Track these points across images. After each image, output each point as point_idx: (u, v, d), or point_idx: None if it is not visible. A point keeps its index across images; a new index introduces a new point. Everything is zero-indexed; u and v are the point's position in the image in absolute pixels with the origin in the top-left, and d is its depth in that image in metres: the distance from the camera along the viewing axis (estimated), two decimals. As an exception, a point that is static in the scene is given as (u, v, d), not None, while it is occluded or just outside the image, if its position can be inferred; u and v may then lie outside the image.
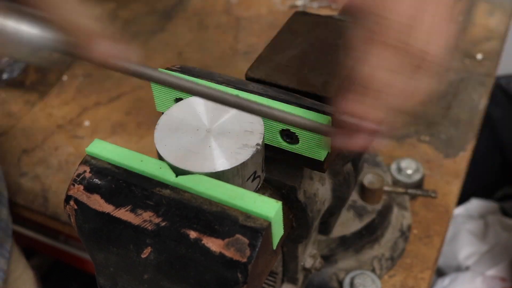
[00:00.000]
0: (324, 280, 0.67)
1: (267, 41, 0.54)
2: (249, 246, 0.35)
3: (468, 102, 0.88)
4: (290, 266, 0.57)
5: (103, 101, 0.93)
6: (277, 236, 0.39)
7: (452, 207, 0.76)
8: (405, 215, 0.73)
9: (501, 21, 1.01)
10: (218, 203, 0.37)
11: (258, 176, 0.42)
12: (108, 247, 0.39)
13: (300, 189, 0.45)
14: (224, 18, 1.07)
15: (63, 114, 0.92)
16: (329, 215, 0.53)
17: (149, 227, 0.38)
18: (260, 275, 0.38)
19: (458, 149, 0.82)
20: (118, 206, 0.39)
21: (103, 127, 0.89)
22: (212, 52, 1.00)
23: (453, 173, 0.79)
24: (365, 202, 0.67)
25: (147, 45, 1.02)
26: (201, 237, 0.36)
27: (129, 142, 0.86)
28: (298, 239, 0.50)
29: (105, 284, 0.41)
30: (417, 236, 0.72)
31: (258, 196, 0.37)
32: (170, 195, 0.38)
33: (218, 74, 0.48)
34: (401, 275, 0.69)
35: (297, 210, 0.46)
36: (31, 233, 0.92)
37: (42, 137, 0.89)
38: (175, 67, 0.48)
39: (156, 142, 0.40)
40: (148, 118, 0.90)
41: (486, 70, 0.93)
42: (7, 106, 0.94)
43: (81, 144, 0.87)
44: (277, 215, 0.37)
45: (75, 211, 0.40)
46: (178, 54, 1.00)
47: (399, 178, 0.74)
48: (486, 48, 0.97)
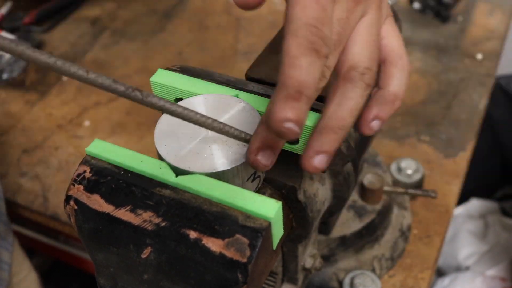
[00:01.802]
0: (324, 280, 0.67)
1: (267, 41, 0.54)
2: (249, 246, 0.35)
3: (468, 102, 0.88)
4: (290, 266, 0.57)
5: (103, 101, 0.93)
6: (277, 236, 0.39)
7: (452, 207, 0.76)
8: (405, 215, 0.73)
9: (501, 21, 1.01)
10: (218, 203, 0.37)
11: (258, 176, 0.42)
12: (108, 247, 0.39)
13: (300, 189, 0.45)
14: (224, 18, 1.07)
15: (63, 114, 0.92)
16: (329, 215, 0.53)
17: (149, 227, 0.38)
18: (260, 275, 0.38)
19: (458, 149, 0.82)
20: (118, 206, 0.39)
21: (103, 127, 0.89)
22: (212, 52, 1.00)
23: (453, 173, 0.79)
24: (365, 202, 0.67)
25: (147, 45, 1.02)
26: (201, 237, 0.36)
27: (129, 142, 0.86)
28: (298, 239, 0.50)
29: (105, 284, 0.41)
30: (417, 236, 0.72)
31: (258, 196, 0.37)
32: (170, 195, 0.38)
33: (218, 74, 0.48)
34: (401, 275, 0.69)
35: (297, 210, 0.46)
36: (31, 233, 0.92)
37: (42, 137, 0.89)
38: (175, 67, 0.48)
39: (156, 142, 0.40)
40: (148, 118, 0.90)
41: (486, 70, 0.93)
42: (7, 106, 0.94)
43: (81, 144, 0.87)
44: (277, 215, 0.37)
45: (75, 211, 0.40)
46: (178, 54, 1.00)
47: (399, 178, 0.74)
48: (486, 48, 0.97)
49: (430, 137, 0.83)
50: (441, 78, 0.92)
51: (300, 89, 0.34)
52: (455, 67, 0.94)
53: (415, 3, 1.03)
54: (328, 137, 0.38)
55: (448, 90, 0.90)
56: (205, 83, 0.45)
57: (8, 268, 0.73)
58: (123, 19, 1.08)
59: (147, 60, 0.99)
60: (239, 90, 0.44)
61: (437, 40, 0.98)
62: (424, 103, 0.88)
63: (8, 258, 0.73)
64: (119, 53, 1.01)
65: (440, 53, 0.96)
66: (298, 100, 0.34)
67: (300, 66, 0.34)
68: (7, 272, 0.72)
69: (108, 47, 1.02)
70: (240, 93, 0.44)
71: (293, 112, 0.34)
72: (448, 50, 0.96)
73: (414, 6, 1.03)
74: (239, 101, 0.42)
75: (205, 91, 0.44)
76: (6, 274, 0.72)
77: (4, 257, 0.73)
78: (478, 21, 1.01)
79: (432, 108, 0.88)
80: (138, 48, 1.02)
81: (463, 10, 1.03)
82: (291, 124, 0.34)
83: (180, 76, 0.46)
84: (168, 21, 1.07)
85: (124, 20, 1.08)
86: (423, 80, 0.92)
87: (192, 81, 0.45)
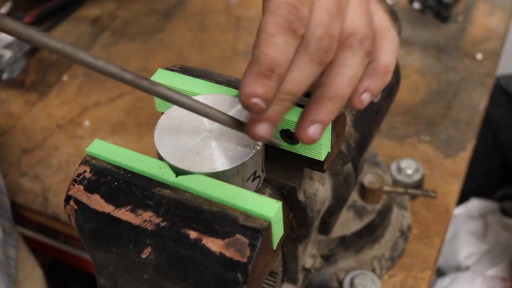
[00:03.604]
0: (324, 280, 0.67)
1: (267, 41, 0.54)
2: (249, 246, 0.35)
3: (468, 102, 0.88)
4: (290, 266, 0.57)
5: (103, 101, 0.93)
6: (277, 236, 0.39)
7: (452, 207, 0.76)
8: (405, 215, 0.73)
9: (501, 21, 1.01)
10: (218, 203, 0.37)
11: (258, 176, 0.42)
12: (108, 247, 0.39)
13: (300, 189, 0.45)
14: (224, 18, 1.07)
15: (63, 114, 0.92)
16: (329, 215, 0.53)
17: (149, 227, 0.38)
18: (260, 275, 0.38)
19: (458, 149, 0.82)
20: (118, 206, 0.39)
21: (103, 127, 0.89)
22: (212, 52, 1.00)
23: (453, 173, 0.79)
24: (365, 202, 0.67)
25: (147, 45, 1.02)
26: (201, 237, 0.36)
27: (129, 142, 0.86)
28: (298, 239, 0.50)
29: (105, 284, 0.41)
30: (417, 236, 0.72)
31: (258, 196, 0.37)
32: (170, 195, 0.38)
33: (218, 74, 0.48)
34: (401, 275, 0.69)
35: (297, 210, 0.46)
36: (31, 233, 0.92)
37: (42, 137, 0.89)
38: (175, 67, 0.48)
39: (156, 142, 0.40)
40: (148, 118, 0.90)
41: (486, 70, 0.93)
42: (7, 106, 0.94)
43: (81, 144, 0.87)
44: (277, 215, 0.37)
45: (75, 211, 0.40)
46: (178, 54, 1.00)
47: (399, 178, 0.74)
48: (486, 48, 0.97)
49: (430, 137, 0.83)
50: (441, 78, 0.92)
51: (272, 67, 0.34)
52: (455, 67, 0.94)
53: (415, 3, 1.03)
54: (325, 106, 0.38)
55: (448, 90, 0.90)
56: (205, 83, 0.45)
57: (14, 264, 0.73)
58: (123, 19, 1.08)
59: (147, 60, 0.99)
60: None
61: (437, 40, 0.98)
62: (424, 103, 0.88)
63: (14, 255, 0.74)
64: (119, 53, 1.01)
65: (440, 53, 0.96)
66: (269, 78, 0.35)
67: (275, 44, 0.34)
68: (14, 268, 0.73)
69: (108, 47, 1.02)
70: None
71: (262, 89, 0.35)
72: (448, 50, 0.96)
73: (414, 6, 1.03)
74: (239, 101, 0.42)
75: (205, 91, 0.44)
76: (13, 271, 0.72)
77: (10, 253, 0.73)
78: (478, 21, 1.01)
79: (432, 108, 0.88)
80: (138, 48, 1.02)
81: (463, 10, 1.03)
82: (258, 100, 0.35)
83: (180, 76, 0.46)
84: (168, 21, 1.07)
85: (124, 20, 1.08)
86: (423, 80, 0.92)
87: (192, 81, 0.45)
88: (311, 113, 0.38)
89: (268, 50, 0.34)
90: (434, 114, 0.87)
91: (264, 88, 0.35)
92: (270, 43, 0.34)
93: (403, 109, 0.87)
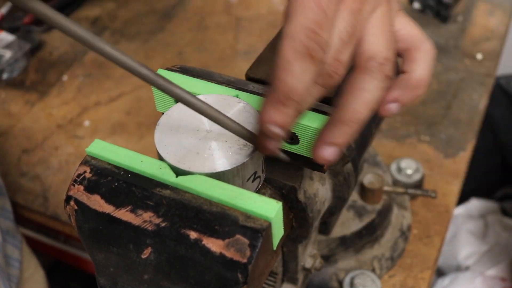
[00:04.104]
0: (324, 280, 0.67)
1: (267, 41, 0.54)
2: (249, 247, 0.35)
3: (468, 102, 0.88)
4: (290, 266, 0.57)
5: (103, 101, 0.93)
6: (277, 236, 0.39)
7: (452, 207, 0.76)
8: (405, 215, 0.73)
9: (501, 21, 1.01)
10: (218, 203, 0.37)
11: (258, 176, 0.42)
12: (108, 247, 0.39)
13: (300, 189, 0.45)
14: (224, 18, 1.07)
15: (63, 114, 0.92)
16: (329, 215, 0.53)
17: (149, 227, 0.38)
18: (260, 276, 0.38)
19: (458, 149, 0.82)
20: (118, 206, 0.39)
21: (103, 127, 0.89)
22: (212, 52, 1.00)
23: (453, 173, 0.79)
24: (365, 202, 0.67)
25: (147, 45, 1.02)
26: (201, 237, 0.36)
27: (129, 142, 0.86)
28: (298, 239, 0.50)
29: (105, 284, 0.41)
30: (417, 236, 0.72)
31: (258, 196, 0.37)
32: (170, 195, 0.38)
33: (218, 74, 0.48)
34: (401, 275, 0.69)
35: (297, 210, 0.46)
36: (31, 233, 0.92)
37: (42, 137, 0.89)
38: (175, 67, 0.48)
39: (156, 142, 0.40)
40: (148, 118, 0.90)
41: (486, 70, 0.93)
42: (7, 106, 0.94)
43: (81, 144, 0.87)
44: (277, 216, 0.37)
45: (75, 211, 0.40)
46: (178, 54, 1.00)
47: (399, 178, 0.74)
48: (486, 48, 0.97)
49: (430, 137, 0.83)
50: (441, 78, 0.92)
51: (290, 94, 0.34)
52: (455, 67, 0.94)
53: (415, 3, 1.03)
54: (341, 130, 0.38)
55: (448, 90, 0.90)
56: (205, 83, 0.45)
57: (18, 265, 0.73)
58: (123, 19, 1.08)
59: (147, 60, 0.99)
60: (239, 90, 0.44)
61: (437, 40, 0.98)
62: (424, 103, 0.88)
63: (18, 255, 0.74)
64: (119, 53, 1.01)
65: (440, 53, 0.96)
66: (286, 106, 0.35)
67: (292, 71, 0.34)
68: (18, 269, 0.73)
69: (108, 47, 1.02)
70: (240, 93, 0.44)
71: (280, 117, 0.35)
72: (448, 50, 0.96)
73: (414, 6, 1.03)
74: (239, 101, 0.43)
75: (205, 91, 0.44)
76: (17, 271, 0.72)
77: (13, 254, 0.73)
78: (478, 21, 1.01)
79: (432, 108, 0.88)
80: (138, 48, 1.02)
81: (463, 10, 1.03)
82: (275, 128, 0.35)
83: (180, 76, 0.46)
84: (168, 21, 1.07)
85: (124, 20, 1.08)
86: (423, 80, 0.92)
87: (192, 81, 0.45)
88: (328, 136, 0.38)
89: (286, 78, 0.34)
90: (434, 114, 0.87)
91: (282, 116, 0.35)
92: (288, 70, 0.34)
93: (403, 109, 0.87)
